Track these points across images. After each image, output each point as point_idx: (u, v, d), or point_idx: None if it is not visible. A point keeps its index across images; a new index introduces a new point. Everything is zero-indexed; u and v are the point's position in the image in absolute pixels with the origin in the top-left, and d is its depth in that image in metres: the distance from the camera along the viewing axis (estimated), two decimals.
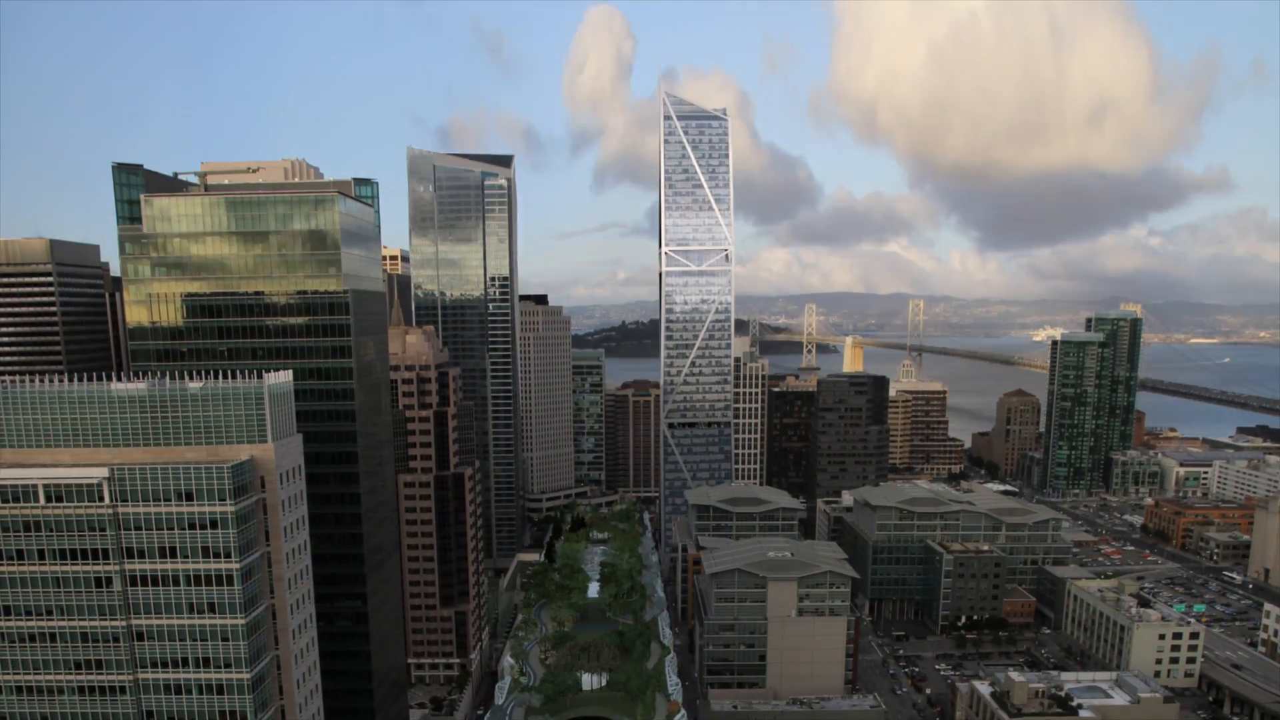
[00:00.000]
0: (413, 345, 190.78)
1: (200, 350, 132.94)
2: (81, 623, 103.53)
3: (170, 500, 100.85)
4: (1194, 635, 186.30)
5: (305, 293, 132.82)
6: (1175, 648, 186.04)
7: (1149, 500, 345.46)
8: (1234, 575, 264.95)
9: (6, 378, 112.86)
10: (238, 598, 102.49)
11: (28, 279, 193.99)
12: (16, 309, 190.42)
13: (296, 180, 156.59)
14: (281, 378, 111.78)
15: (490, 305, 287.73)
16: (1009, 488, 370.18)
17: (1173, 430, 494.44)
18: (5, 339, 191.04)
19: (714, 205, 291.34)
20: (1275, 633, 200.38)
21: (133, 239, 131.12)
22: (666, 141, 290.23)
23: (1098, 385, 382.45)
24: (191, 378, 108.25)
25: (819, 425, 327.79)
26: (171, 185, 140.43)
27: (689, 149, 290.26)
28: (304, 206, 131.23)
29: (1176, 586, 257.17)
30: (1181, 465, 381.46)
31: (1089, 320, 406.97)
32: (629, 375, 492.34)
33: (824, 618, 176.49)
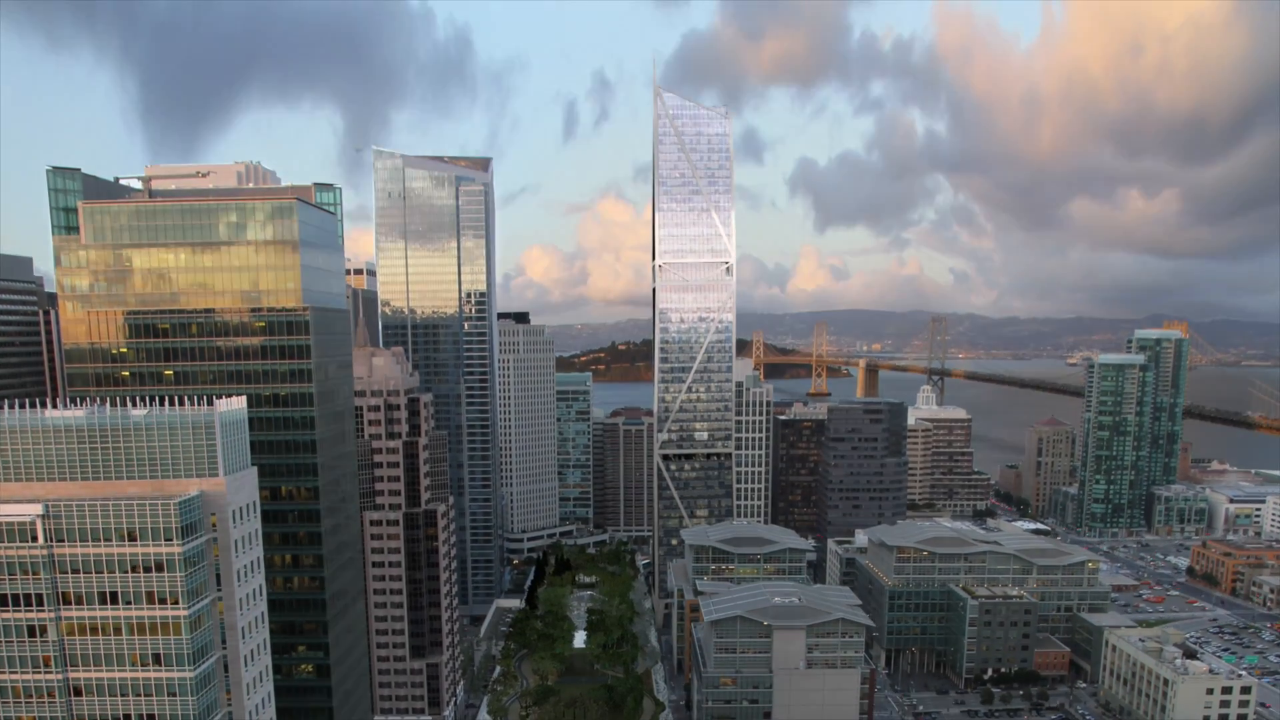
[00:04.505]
0: (380, 368, 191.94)
1: (144, 374, 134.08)
2: (12, 676, 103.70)
3: (111, 540, 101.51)
4: (1245, 689, 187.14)
5: (261, 310, 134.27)
6: (1225, 703, 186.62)
7: (1195, 540, 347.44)
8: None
9: None
10: (186, 648, 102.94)
11: None
12: None
13: (251, 186, 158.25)
14: (234, 405, 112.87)
15: (465, 324, 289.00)
16: (1040, 526, 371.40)
17: (1222, 462, 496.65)
18: None
19: (713, 212, 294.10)
20: None
21: (69, 250, 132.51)
22: (661, 143, 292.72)
23: (1139, 413, 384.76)
24: (135, 404, 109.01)
25: (830, 457, 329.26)
26: (113, 191, 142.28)
27: (686, 151, 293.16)
28: (259, 214, 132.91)
29: (1226, 636, 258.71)
30: (1232, 501, 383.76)
31: (1129, 341, 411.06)
32: (619, 401, 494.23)
33: (835, 670, 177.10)
